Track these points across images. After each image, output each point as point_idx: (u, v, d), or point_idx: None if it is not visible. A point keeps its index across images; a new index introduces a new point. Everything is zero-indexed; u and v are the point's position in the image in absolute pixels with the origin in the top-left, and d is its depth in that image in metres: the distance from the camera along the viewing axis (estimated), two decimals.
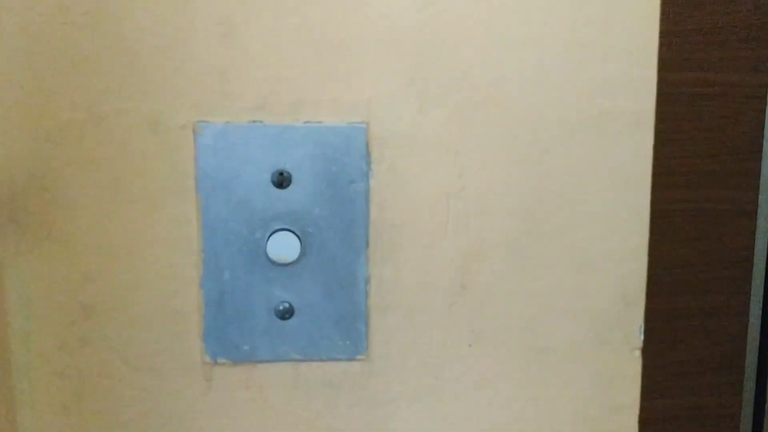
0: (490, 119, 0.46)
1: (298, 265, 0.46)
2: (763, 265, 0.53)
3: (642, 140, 0.47)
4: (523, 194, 0.47)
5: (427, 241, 0.47)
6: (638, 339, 0.50)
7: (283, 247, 0.45)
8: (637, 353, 0.50)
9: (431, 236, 0.47)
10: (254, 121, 0.44)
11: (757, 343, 0.54)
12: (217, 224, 0.45)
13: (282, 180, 0.45)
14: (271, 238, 0.45)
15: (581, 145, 0.47)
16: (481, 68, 0.45)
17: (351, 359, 0.47)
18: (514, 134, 0.46)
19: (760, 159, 0.52)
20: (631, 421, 0.51)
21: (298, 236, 0.45)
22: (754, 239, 0.52)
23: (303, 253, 0.45)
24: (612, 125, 0.47)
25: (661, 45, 0.46)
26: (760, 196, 0.52)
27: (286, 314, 0.46)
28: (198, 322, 0.46)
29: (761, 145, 0.52)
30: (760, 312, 0.54)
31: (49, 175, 0.44)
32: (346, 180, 0.45)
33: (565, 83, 0.46)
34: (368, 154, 0.45)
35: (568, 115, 0.46)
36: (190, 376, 0.47)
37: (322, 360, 0.47)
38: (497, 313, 0.48)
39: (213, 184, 0.44)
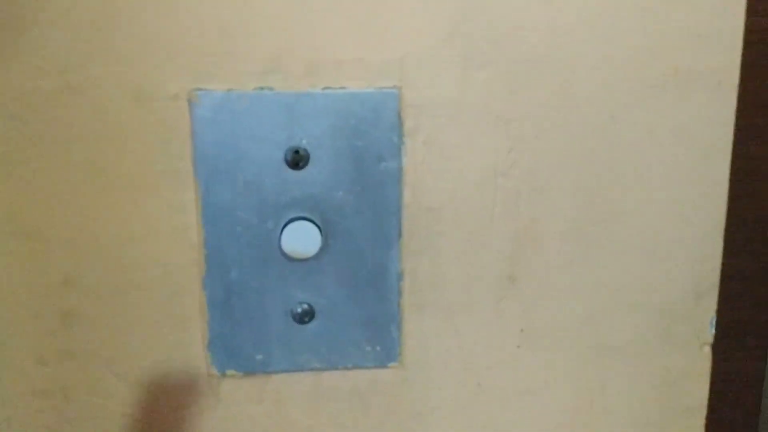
0: (546, 81, 0.43)
1: (318, 259, 0.43)
2: None
3: (723, 105, 0.44)
4: (584, 170, 0.44)
5: (471, 228, 0.44)
6: (709, 333, 0.48)
7: (301, 239, 0.42)
8: (707, 349, 0.48)
9: (475, 222, 0.44)
10: (263, 88, 0.42)
11: None
12: (220, 213, 0.42)
13: (297, 159, 0.42)
14: (285, 228, 0.42)
15: (653, 111, 0.44)
16: (535, 19, 0.42)
17: (382, 367, 0.45)
18: (574, 98, 0.43)
19: None
20: (698, 425, 0.49)
21: (318, 226, 0.43)
22: None
23: (324, 246, 0.43)
24: (690, 86, 0.44)
25: None
26: None
27: (305, 317, 0.44)
28: (201, 329, 0.44)
29: None
30: None
31: (14, 157, 0.41)
32: (374, 157, 0.43)
33: (635, 36, 0.43)
34: (401, 126, 0.42)
35: (638, 75, 0.43)
36: (194, 391, 0.45)
37: (347, 368, 0.45)
38: (551, 309, 0.46)
39: (214, 165, 0.42)
